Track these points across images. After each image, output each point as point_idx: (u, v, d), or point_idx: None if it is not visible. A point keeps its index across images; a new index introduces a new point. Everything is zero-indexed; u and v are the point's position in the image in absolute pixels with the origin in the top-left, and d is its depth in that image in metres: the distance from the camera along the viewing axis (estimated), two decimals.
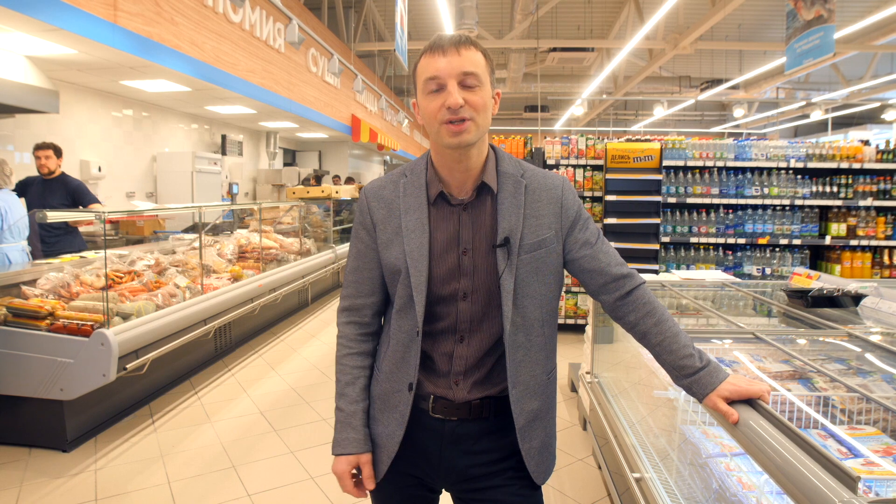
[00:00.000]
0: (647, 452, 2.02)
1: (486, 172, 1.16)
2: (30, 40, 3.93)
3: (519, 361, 1.15)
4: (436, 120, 1.07)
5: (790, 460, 0.95)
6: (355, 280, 1.22)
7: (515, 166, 1.20)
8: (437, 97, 1.07)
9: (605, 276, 1.18)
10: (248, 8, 6.21)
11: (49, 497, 2.57)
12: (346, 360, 1.22)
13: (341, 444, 1.18)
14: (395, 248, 1.15)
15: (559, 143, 5.39)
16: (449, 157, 1.13)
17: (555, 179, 1.21)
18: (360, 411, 1.20)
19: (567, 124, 17.49)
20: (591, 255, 1.18)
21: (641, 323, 1.17)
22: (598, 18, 10.69)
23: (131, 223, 5.94)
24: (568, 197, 1.20)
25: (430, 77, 1.06)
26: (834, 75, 11.94)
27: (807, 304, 2.26)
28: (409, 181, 1.18)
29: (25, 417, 2.99)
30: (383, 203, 1.19)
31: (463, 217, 1.15)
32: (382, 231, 1.18)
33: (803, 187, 5.11)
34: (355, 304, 1.22)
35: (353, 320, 1.23)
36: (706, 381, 1.11)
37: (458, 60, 1.05)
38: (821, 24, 3.91)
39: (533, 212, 1.16)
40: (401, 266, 1.14)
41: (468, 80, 1.06)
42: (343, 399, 1.20)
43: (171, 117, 7.53)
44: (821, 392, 1.73)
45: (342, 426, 1.19)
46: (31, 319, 2.94)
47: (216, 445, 3.09)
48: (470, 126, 1.07)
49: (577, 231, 1.19)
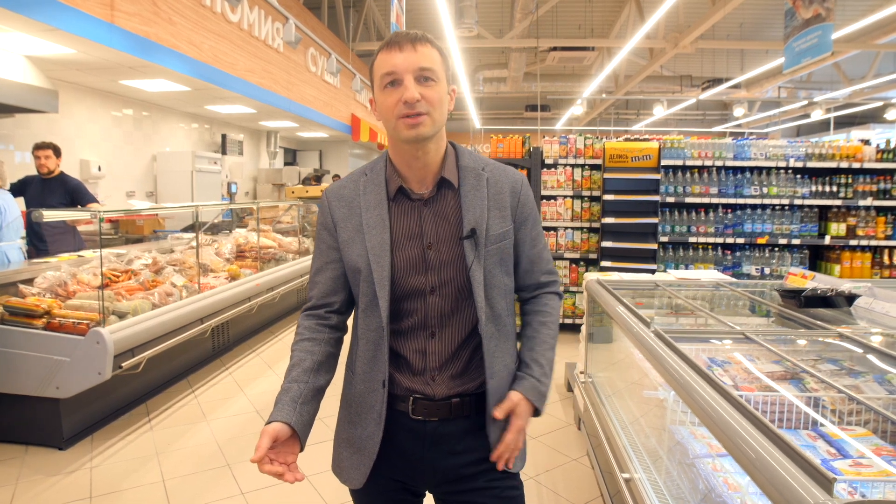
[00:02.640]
0: (637, 453, 2.02)
1: (445, 167, 1.17)
2: (29, 40, 3.94)
3: (493, 352, 1.17)
4: (392, 114, 1.08)
5: (767, 460, 0.95)
6: (319, 281, 1.22)
7: (475, 160, 1.21)
8: (393, 92, 1.08)
9: (532, 278, 1.26)
10: (247, 7, 6.22)
11: (44, 495, 2.58)
12: (297, 346, 1.19)
13: (270, 420, 1.06)
14: (356, 246, 1.16)
15: (557, 143, 5.39)
16: (407, 153, 1.14)
17: (515, 174, 1.23)
18: (294, 389, 1.11)
19: (568, 124, 17.47)
20: (535, 256, 1.24)
21: (533, 317, 1.27)
22: (599, 17, 10.67)
23: (131, 222, 5.95)
24: (526, 192, 1.23)
25: (387, 72, 1.07)
26: (836, 74, 11.90)
27: (799, 304, 2.25)
28: (368, 179, 1.19)
29: (22, 415, 3.00)
30: (343, 202, 1.19)
31: (424, 212, 1.16)
32: (343, 229, 1.18)
33: (803, 187, 5.09)
34: (319, 303, 1.22)
35: (315, 315, 1.22)
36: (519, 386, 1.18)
37: (415, 56, 1.07)
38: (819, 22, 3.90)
39: (496, 203, 1.18)
40: (363, 263, 1.15)
41: (424, 75, 1.07)
42: (285, 378, 1.14)
43: (171, 117, 7.54)
44: (811, 393, 1.73)
45: (275, 404, 1.09)
46: (28, 318, 2.96)
47: (211, 444, 3.10)
48: (426, 120, 1.08)
49: (529, 228, 1.23)
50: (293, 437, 1.07)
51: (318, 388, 1.15)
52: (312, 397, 1.13)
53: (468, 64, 11.36)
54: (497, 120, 19.15)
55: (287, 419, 1.05)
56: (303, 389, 1.11)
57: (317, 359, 1.17)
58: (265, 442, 1.00)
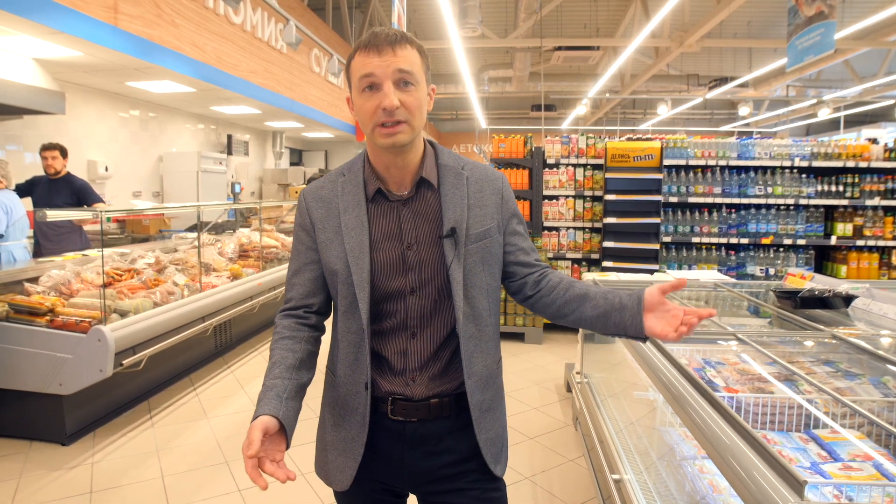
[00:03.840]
0: (629, 454, 2.02)
1: (424, 167, 1.16)
2: (36, 43, 3.99)
3: (472, 352, 1.16)
4: (371, 120, 1.07)
5: (741, 460, 0.95)
6: (297, 282, 1.21)
7: (455, 160, 1.21)
8: (372, 97, 1.06)
9: (533, 268, 1.24)
10: (250, 9, 6.25)
11: (46, 489, 2.62)
12: (277, 344, 1.16)
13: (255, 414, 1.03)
14: (335, 248, 1.15)
15: (559, 143, 5.38)
16: (385, 157, 1.14)
17: (495, 172, 1.23)
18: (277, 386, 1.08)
19: (574, 123, 17.40)
20: (524, 250, 1.24)
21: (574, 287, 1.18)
22: (604, 17, 10.62)
23: (137, 222, 6.01)
24: (507, 190, 1.23)
25: (365, 75, 1.05)
26: (846, 72, 11.78)
27: (795, 305, 2.24)
28: (346, 180, 1.18)
29: (26, 411, 3.05)
30: (322, 203, 1.19)
31: (403, 212, 1.16)
32: (322, 230, 1.17)
33: (808, 186, 5.05)
34: (296, 305, 1.21)
35: (294, 315, 1.21)
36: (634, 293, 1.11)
37: (394, 60, 1.04)
38: (821, 20, 3.87)
39: (477, 202, 1.17)
40: (341, 265, 1.14)
41: (404, 79, 1.06)
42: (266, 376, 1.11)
43: (177, 118, 7.60)
44: (805, 395, 1.72)
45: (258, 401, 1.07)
46: (32, 315, 3.00)
47: (211, 441, 3.13)
48: (405, 128, 1.07)
49: (515, 224, 1.23)
50: (280, 432, 1.03)
51: (301, 385, 1.13)
52: (296, 394, 1.10)
53: (473, 64, 11.36)
54: (503, 120, 19.11)
55: (275, 412, 1.02)
56: (287, 385, 1.08)
57: (298, 356, 1.15)
58: (257, 434, 0.96)
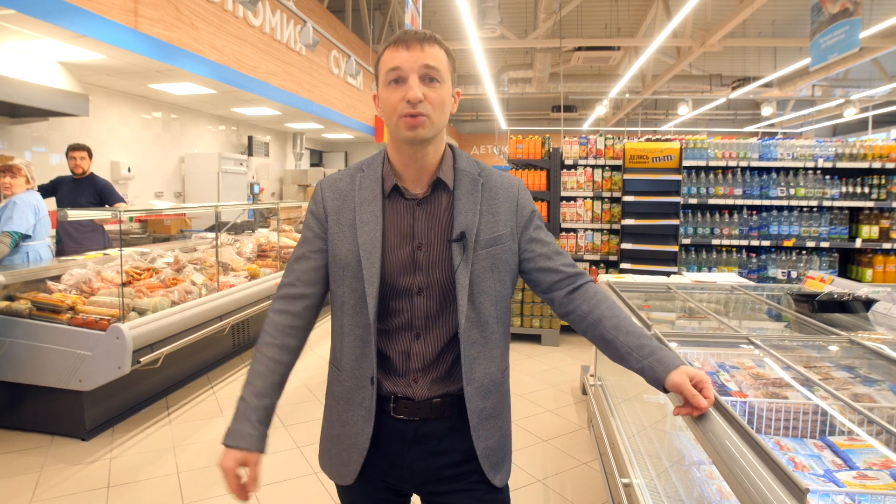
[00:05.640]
0: (640, 458, 1.99)
1: (441, 169, 1.17)
2: (60, 46, 4.10)
3: (474, 358, 1.15)
4: (395, 112, 1.08)
5: (744, 466, 0.93)
6: (298, 269, 1.20)
7: (472, 165, 1.21)
8: (397, 89, 1.08)
9: (559, 274, 1.20)
10: (269, 11, 6.33)
11: (65, 483, 2.68)
12: (265, 349, 1.17)
13: (233, 435, 1.10)
14: (347, 241, 1.16)
15: (577, 143, 5.34)
16: (405, 152, 1.14)
17: (511, 179, 1.22)
18: (263, 408, 1.13)
19: (595, 124, 17.25)
20: (546, 255, 1.20)
21: (596, 309, 1.17)
22: (625, 16, 10.52)
23: (158, 222, 6.13)
24: (523, 196, 1.21)
25: (392, 68, 1.07)
26: (875, 71, 11.48)
27: (813, 308, 2.19)
28: (365, 175, 1.19)
29: (48, 406, 3.12)
30: (338, 194, 1.19)
31: (417, 212, 1.16)
32: (335, 222, 1.18)
33: (832, 188, 4.93)
34: (292, 292, 1.20)
35: (287, 309, 1.19)
36: (668, 358, 1.09)
37: (422, 55, 1.07)
38: (846, 17, 3.77)
39: (489, 208, 1.17)
40: (352, 258, 1.14)
41: (430, 75, 1.07)
42: (248, 388, 1.14)
43: (198, 119, 7.73)
44: (821, 401, 1.68)
45: (239, 417, 1.11)
46: (53, 313, 3.07)
47: None
48: (426, 122, 1.08)
49: (532, 230, 1.21)
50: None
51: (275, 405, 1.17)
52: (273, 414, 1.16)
53: (493, 65, 11.34)
54: (523, 121, 19.03)
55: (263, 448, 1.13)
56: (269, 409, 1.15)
57: (283, 371, 1.17)
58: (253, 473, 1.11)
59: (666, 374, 1.06)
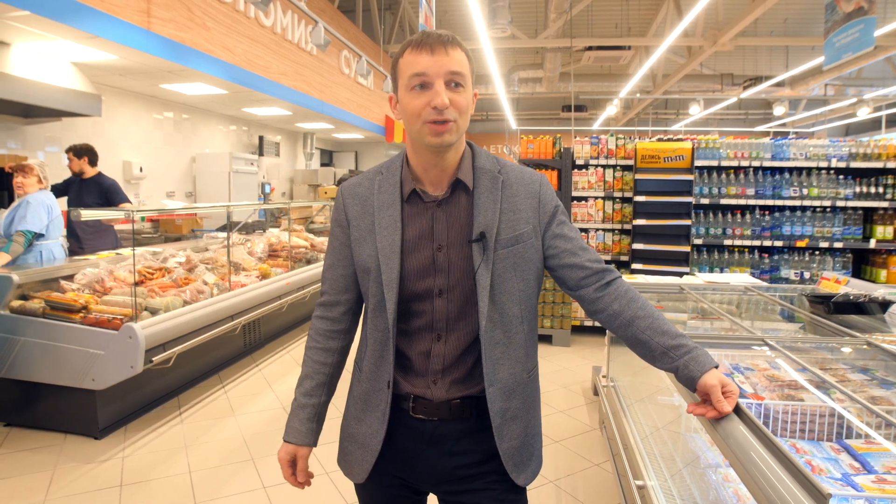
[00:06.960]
0: (653, 460, 1.98)
1: (461, 169, 1.15)
2: (73, 47, 4.14)
3: (497, 359, 1.14)
4: (419, 118, 1.07)
5: (764, 471, 0.91)
6: (331, 277, 1.24)
7: (492, 162, 1.19)
8: (422, 95, 1.06)
9: (585, 271, 1.18)
10: (280, 11, 6.35)
11: (78, 481, 2.70)
12: (310, 353, 1.26)
13: (287, 431, 1.24)
14: (367, 246, 1.16)
15: (588, 143, 5.31)
16: (426, 156, 1.13)
17: (533, 175, 1.20)
18: (311, 406, 1.24)
19: (605, 124, 17.17)
20: (570, 251, 1.18)
21: (627, 309, 1.15)
22: (636, 15, 10.46)
23: (170, 222, 6.17)
24: (546, 192, 1.20)
25: (417, 73, 1.05)
26: (889, 70, 11.34)
27: (828, 310, 2.16)
28: (384, 178, 1.19)
29: (61, 405, 3.15)
30: (358, 200, 1.19)
31: (437, 213, 1.15)
32: (356, 228, 1.18)
33: (846, 188, 4.87)
34: (328, 300, 1.25)
35: (326, 315, 1.25)
36: (703, 358, 1.07)
37: (447, 60, 1.05)
38: (861, 16, 3.72)
39: (510, 206, 1.15)
40: (372, 263, 1.14)
41: (455, 80, 1.06)
42: (298, 389, 1.25)
43: (210, 119, 7.78)
44: (838, 403, 1.65)
45: (292, 415, 1.24)
46: (67, 312, 3.10)
47: (238, 438, 3.18)
48: (452, 127, 1.07)
49: (556, 226, 1.18)
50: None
51: (327, 402, 1.28)
52: (324, 410, 1.27)
53: (503, 64, 11.32)
54: (533, 121, 18.98)
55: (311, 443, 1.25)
56: (317, 407, 1.25)
57: (329, 371, 1.26)
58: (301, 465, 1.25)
59: (701, 374, 1.06)
